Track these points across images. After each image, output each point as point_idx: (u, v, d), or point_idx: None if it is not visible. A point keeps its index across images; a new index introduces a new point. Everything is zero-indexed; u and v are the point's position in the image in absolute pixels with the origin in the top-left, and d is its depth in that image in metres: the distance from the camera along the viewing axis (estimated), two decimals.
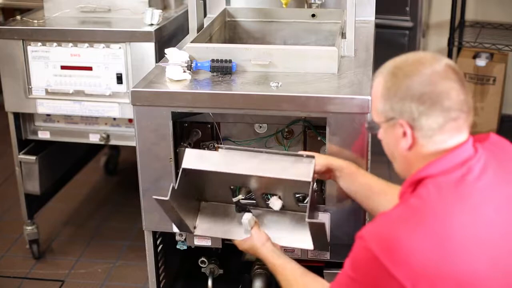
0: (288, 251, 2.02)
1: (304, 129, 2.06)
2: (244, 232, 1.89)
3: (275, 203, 1.93)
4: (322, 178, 1.92)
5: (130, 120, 2.68)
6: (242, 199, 1.98)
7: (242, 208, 1.95)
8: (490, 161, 1.47)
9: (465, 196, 1.40)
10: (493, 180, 1.44)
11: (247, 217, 1.87)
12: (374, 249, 1.37)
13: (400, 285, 1.35)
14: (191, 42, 2.15)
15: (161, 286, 2.25)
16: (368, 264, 1.39)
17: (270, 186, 1.89)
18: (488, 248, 1.37)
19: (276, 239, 1.88)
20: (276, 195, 1.93)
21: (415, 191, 1.45)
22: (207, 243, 2.12)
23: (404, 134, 1.46)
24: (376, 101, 1.51)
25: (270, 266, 1.82)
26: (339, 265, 1.59)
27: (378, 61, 2.35)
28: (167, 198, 1.80)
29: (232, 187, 1.98)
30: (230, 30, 2.57)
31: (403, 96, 1.43)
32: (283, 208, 1.94)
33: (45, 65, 2.63)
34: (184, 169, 1.87)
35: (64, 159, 3.13)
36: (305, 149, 2.05)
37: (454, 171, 1.43)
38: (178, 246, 2.18)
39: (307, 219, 1.75)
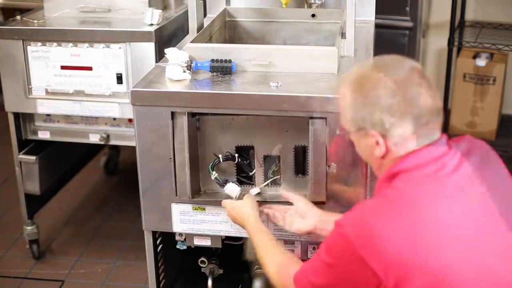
0: (287, 243, 2.04)
1: None
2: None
3: (233, 189, 2.00)
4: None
5: (130, 120, 2.68)
6: (217, 176, 2.02)
7: (223, 182, 2.01)
8: (464, 159, 1.49)
9: (438, 189, 1.43)
10: (467, 176, 1.47)
11: (229, 187, 1.99)
12: (350, 235, 1.41)
13: (373, 271, 1.38)
14: (191, 42, 2.15)
15: (161, 286, 2.25)
16: (343, 249, 1.42)
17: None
18: (460, 241, 1.40)
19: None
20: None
21: (390, 184, 1.48)
22: (207, 243, 2.13)
23: (377, 143, 1.48)
24: (345, 111, 1.53)
25: (255, 229, 1.84)
26: None
27: None
28: None
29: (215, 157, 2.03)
30: (230, 30, 2.57)
31: (373, 108, 1.45)
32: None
33: (45, 65, 2.63)
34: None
35: (64, 159, 3.12)
36: None
37: (427, 165, 1.46)
38: (178, 246, 2.18)
39: None
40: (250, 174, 2.06)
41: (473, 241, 1.41)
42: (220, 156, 2.03)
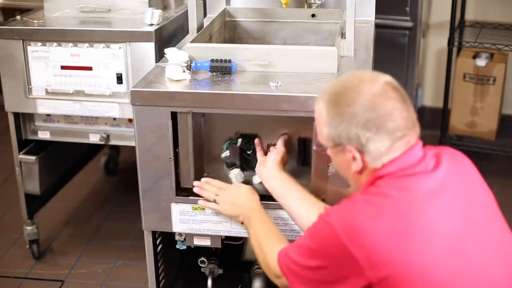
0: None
1: None
2: None
3: (238, 176, 2.05)
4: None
5: (130, 120, 2.68)
6: (228, 155, 2.06)
7: (231, 164, 2.05)
8: (440, 159, 1.52)
9: (423, 185, 1.46)
10: (446, 174, 1.50)
11: (234, 172, 2.03)
12: (335, 224, 1.43)
13: (356, 262, 1.40)
14: (191, 42, 2.15)
15: (160, 286, 2.25)
16: (327, 237, 1.45)
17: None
18: (446, 237, 1.42)
19: None
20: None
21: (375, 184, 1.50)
22: (207, 242, 2.13)
23: (354, 158, 1.50)
24: (321, 127, 1.55)
25: (257, 215, 1.90)
26: None
27: (378, 61, 2.37)
28: None
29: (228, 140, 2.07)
30: (230, 30, 2.57)
31: (348, 124, 1.47)
32: None
33: (45, 65, 2.63)
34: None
35: (64, 159, 3.13)
36: None
37: (412, 167, 1.48)
38: (177, 246, 2.18)
39: None
40: (255, 163, 2.06)
41: (458, 239, 1.43)
42: (239, 139, 2.06)
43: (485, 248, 1.45)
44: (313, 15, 2.50)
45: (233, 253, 2.34)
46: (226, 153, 2.05)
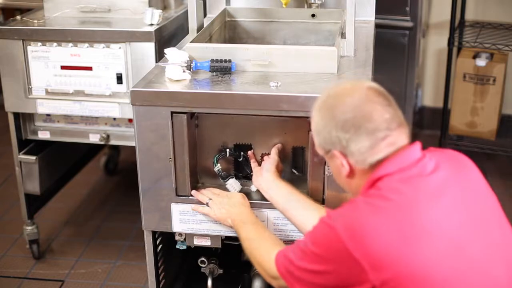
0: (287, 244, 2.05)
1: None
2: None
3: (234, 185, 2.07)
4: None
5: (130, 120, 2.68)
6: (220, 168, 2.07)
7: (226, 176, 2.07)
8: (440, 161, 1.52)
9: (423, 189, 1.46)
10: (446, 175, 1.50)
11: (230, 182, 2.06)
12: (338, 227, 1.43)
13: (359, 265, 1.39)
14: (191, 42, 2.15)
15: (160, 286, 2.25)
16: (330, 241, 1.45)
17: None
18: (447, 238, 1.42)
19: None
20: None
21: (374, 187, 1.50)
22: (207, 242, 2.13)
23: (342, 164, 1.52)
24: (314, 136, 1.59)
25: (250, 219, 1.91)
26: None
27: (378, 61, 2.37)
28: None
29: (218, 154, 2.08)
30: (230, 30, 2.57)
31: (330, 128, 1.51)
32: None
33: (45, 65, 2.63)
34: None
35: (64, 159, 3.13)
36: None
37: (409, 168, 1.48)
38: (177, 246, 2.18)
39: None
40: (249, 172, 2.07)
41: (460, 238, 1.43)
42: (227, 150, 2.06)
43: (487, 248, 1.45)
44: (313, 15, 2.50)
45: (233, 253, 2.34)
46: (218, 167, 2.07)
